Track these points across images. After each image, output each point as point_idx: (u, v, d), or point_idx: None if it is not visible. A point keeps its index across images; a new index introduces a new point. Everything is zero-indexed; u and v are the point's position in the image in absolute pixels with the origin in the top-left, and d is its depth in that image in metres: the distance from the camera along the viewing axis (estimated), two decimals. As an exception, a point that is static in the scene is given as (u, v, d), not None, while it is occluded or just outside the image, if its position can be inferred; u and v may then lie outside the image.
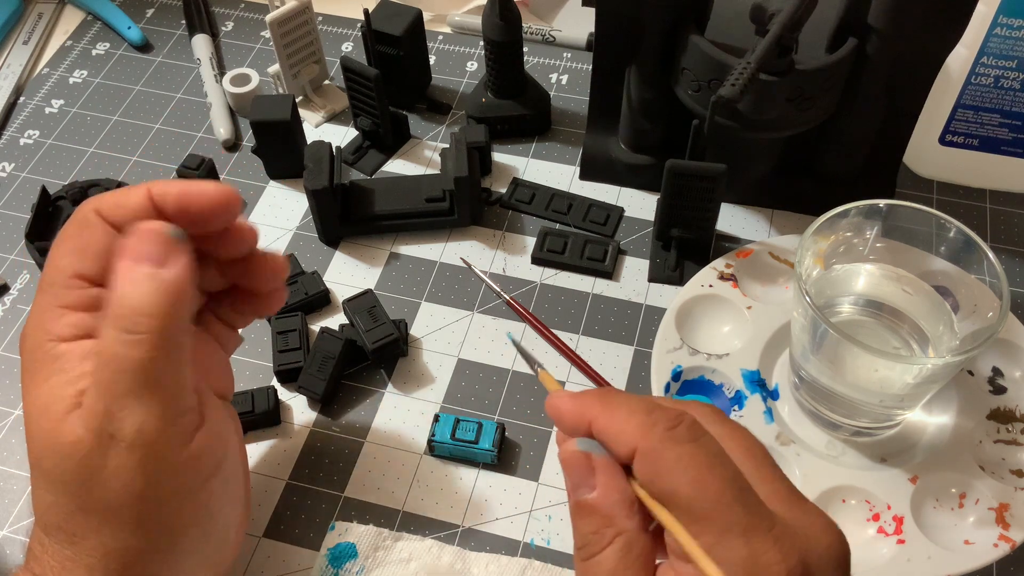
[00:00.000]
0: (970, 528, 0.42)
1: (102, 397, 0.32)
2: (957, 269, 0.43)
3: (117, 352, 0.32)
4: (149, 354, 0.32)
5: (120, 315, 0.32)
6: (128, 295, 0.32)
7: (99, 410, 0.32)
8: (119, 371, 0.32)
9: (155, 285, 0.32)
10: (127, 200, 0.36)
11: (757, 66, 0.44)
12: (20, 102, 0.66)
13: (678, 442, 0.28)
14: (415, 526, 0.45)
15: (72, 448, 0.32)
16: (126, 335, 0.32)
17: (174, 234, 0.34)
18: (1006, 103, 0.53)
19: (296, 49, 0.61)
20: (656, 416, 0.29)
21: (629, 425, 0.29)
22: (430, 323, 0.52)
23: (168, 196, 0.35)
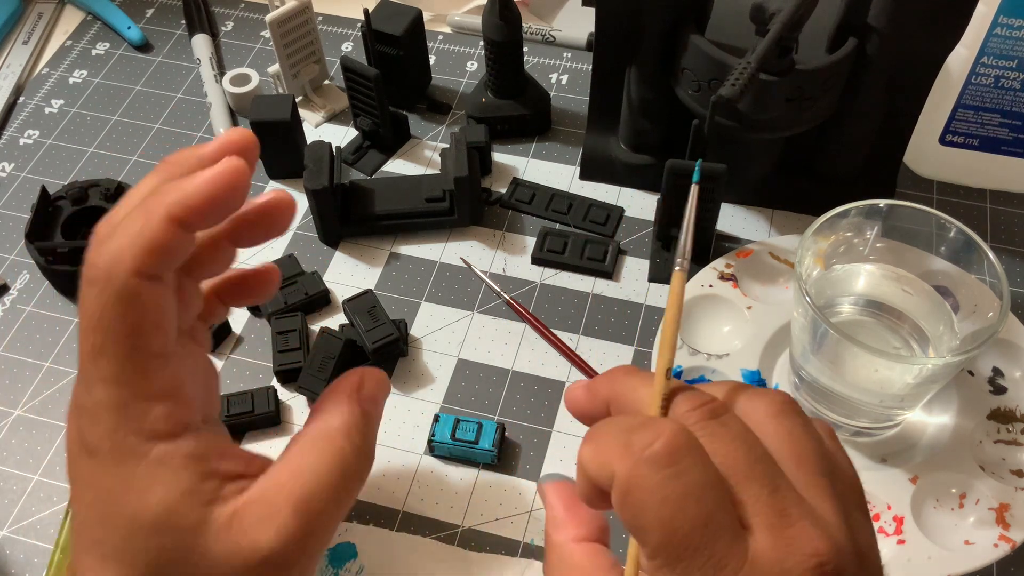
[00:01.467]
0: (970, 528, 0.42)
1: (302, 515, 0.30)
2: (957, 269, 0.43)
3: (354, 472, 0.33)
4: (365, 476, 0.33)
5: (366, 428, 0.34)
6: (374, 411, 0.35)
7: (290, 528, 0.30)
8: (336, 500, 0.32)
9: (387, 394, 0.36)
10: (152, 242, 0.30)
11: (757, 66, 0.44)
12: (20, 102, 0.66)
13: (652, 469, 0.26)
14: (415, 526, 0.45)
15: (223, 563, 0.30)
16: (365, 451, 0.33)
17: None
18: (1006, 103, 0.53)
19: (296, 49, 0.61)
20: (632, 435, 0.26)
21: (608, 450, 0.27)
22: (430, 323, 0.52)
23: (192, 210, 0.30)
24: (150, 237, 0.29)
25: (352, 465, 0.32)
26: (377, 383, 0.36)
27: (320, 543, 0.31)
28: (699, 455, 0.26)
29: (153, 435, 0.30)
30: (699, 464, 0.26)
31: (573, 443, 0.47)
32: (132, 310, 0.29)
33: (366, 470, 0.34)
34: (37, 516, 0.46)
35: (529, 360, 0.50)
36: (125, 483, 0.30)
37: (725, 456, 0.27)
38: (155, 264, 0.29)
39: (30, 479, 0.47)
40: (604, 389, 0.31)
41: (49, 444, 0.48)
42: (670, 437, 0.26)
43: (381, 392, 0.36)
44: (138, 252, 0.29)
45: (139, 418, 0.30)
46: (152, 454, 0.30)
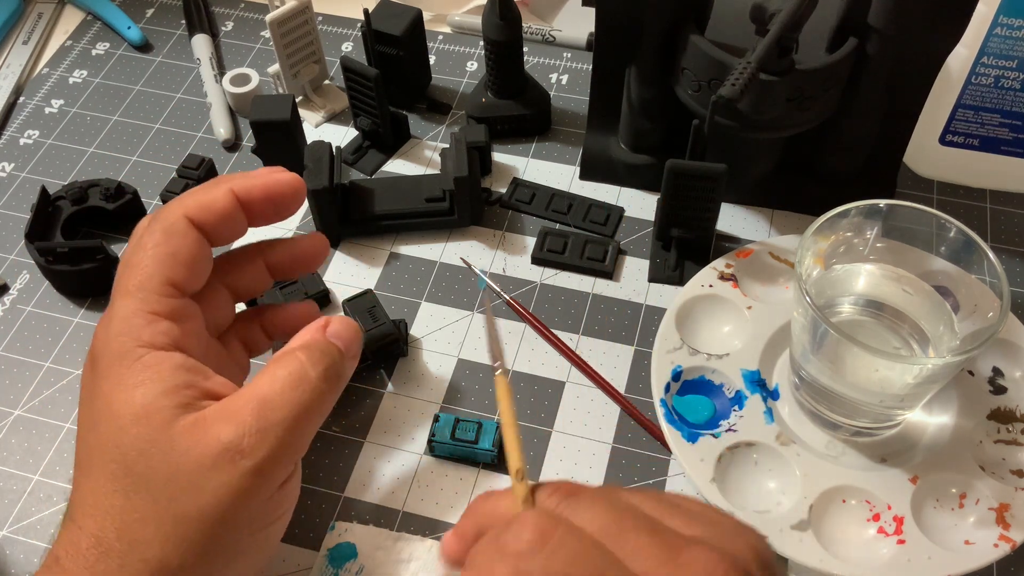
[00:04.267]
0: (970, 528, 0.42)
1: (249, 413, 0.33)
2: (957, 269, 0.43)
3: (300, 387, 0.34)
4: (316, 402, 0.34)
5: (323, 361, 0.35)
6: (328, 351, 0.36)
7: (237, 422, 0.33)
8: (285, 402, 0.34)
9: (347, 357, 0.37)
10: (213, 202, 0.37)
11: (757, 66, 0.44)
12: (20, 102, 0.66)
13: (531, 558, 0.27)
14: (415, 526, 0.45)
15: (190, 455, 0.32)
16: (319, 379, 0.34)
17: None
18: (1006, 103, 0.53)
19: (296, 49, 0.61)
20: (502, 541, 0.28)
21: (486, 568, 0.28)
22: (430, 323, 0.52)
23: (254, 191, 0.37)
24: (209, 196, 0.37)
25: (310, 377, 0.35)
26: (344, 323, 0.38)
27: (282, 444, 0.33)
28: (568, 527, 0.27)
29: (150, 344, 0.34)
30: (572, 534, 0.27)
31: (573, 443, 0.47)
32: (170, 240, 0.36)
33: (329, 391, 0.36)
34: (37, 516, 0.46)
35: (529, 360, 0.50)
36: (118, 381, 0.34)
37: (593, 520, 0.28)
38: (205, 216, 0.36)
39: (30, 479, 0.47)
40: (470, 526, 0.32)
41: (49, 444, 0.48)
42: (535, 521, 0.27)
43: (347, 332, 0.38)
44: (193, 203, 0.36)
45: (141, 327, 0.34)
46: (145, 358, 0.34)
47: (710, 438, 0.45)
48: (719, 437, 0.45)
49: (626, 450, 0.47)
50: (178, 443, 0.33)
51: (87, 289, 0.54)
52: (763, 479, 0.44)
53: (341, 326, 0.38)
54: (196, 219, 0.36)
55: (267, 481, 0.33)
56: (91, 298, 0.54)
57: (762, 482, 0.44)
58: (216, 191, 0.37)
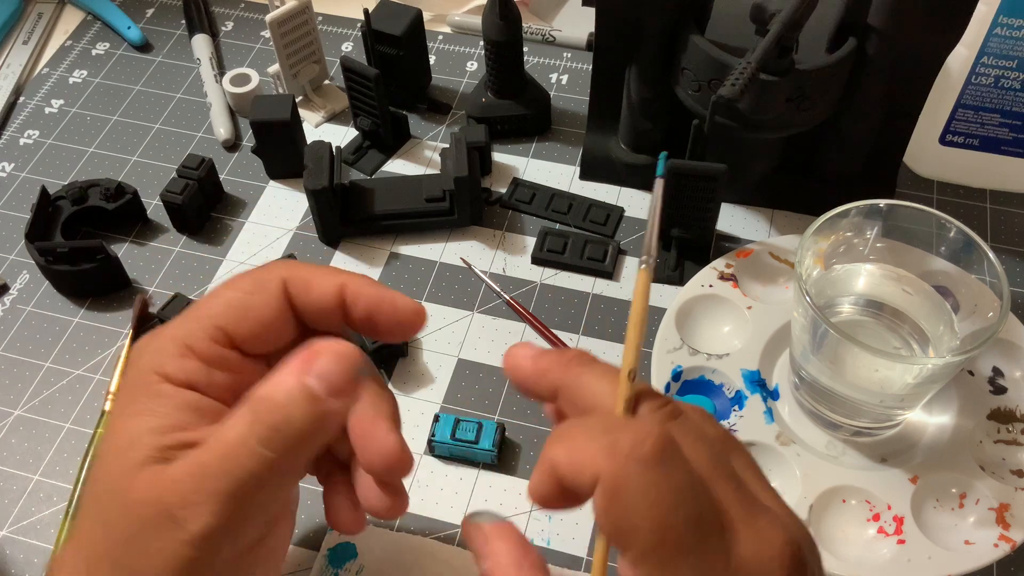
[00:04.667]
0: (970, 528, 0.42)
1: (193, 480, 0.29)
2: (957, 269, 0.43)
3: (237, 452, 0.29)
4: (261, 471, 0.29)
5: (266, 422, 0.30)
6: (281, 406, 0.30)
7: (178, 489, 0.29)
8: (224, 472, 0.29)
9: (313, 410, 0.30)
10: (318, 286, 0.34)
11: (757, 66, 0.44)
12: (20, 102, 0.66)
13: (644, 468, 0.26)
14: (415, 526, 0.45)
15: (134, 507, 0.30)
16: (258, 444, 0.29)
17: (362, 373, 0.32)
18: (1006, 103, 0.53)
19: (296, 49, 0.61)
20: (619, 435, 0.27)
21: (590, 450, 0.27)
22: (430, 323, 0.52)
23: (360, 301, 0.33)
24: (317, 279, 0.34)
25: (248, 444, 0.30)
26: (335, 357, 0.31)
27: (224, 516, 0.29)
28: (682, 457, 0.27)
29: (169, 376, 0.32)
30: (684, 465, 0.26)
31: (573, 443, 0.47)
32: (254, 293, 0.33)
33: (282, 458, 0.30)
34: (37, 516, 0.46)
35: (529, 360, 0.50)
36: (125, 404, 0.32)
37: (693, 455, 0.27)
38: (302, 294, 0.33)
39: (30, 479, 0.47)
40: (556, 373, 0.31)
41: (49, 444, 0.48)
42: (658, 438, 0.26)
43: (337, 370, 0.31)
44: (298, 276, 0.34)
45: (170, 357, 0.32)
46: (157, 387, 0.32)
47: (710, 438, 0.45)
48: (719, 437, 0.45)
49: (626, 450, 0.47)
50: (135, 492, 0.30)
51: (87, 289, 0.54)
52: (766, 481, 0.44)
53: (329, 363, 0.31)
54: (292, 291, 0.33)
55: (215, 552, 0.30)
56: (91, 298, 0.54)
57: (762, 482, 0.44)
58: (328, 279, 0.34)
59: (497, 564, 0.30)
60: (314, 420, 0.30)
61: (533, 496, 0.29)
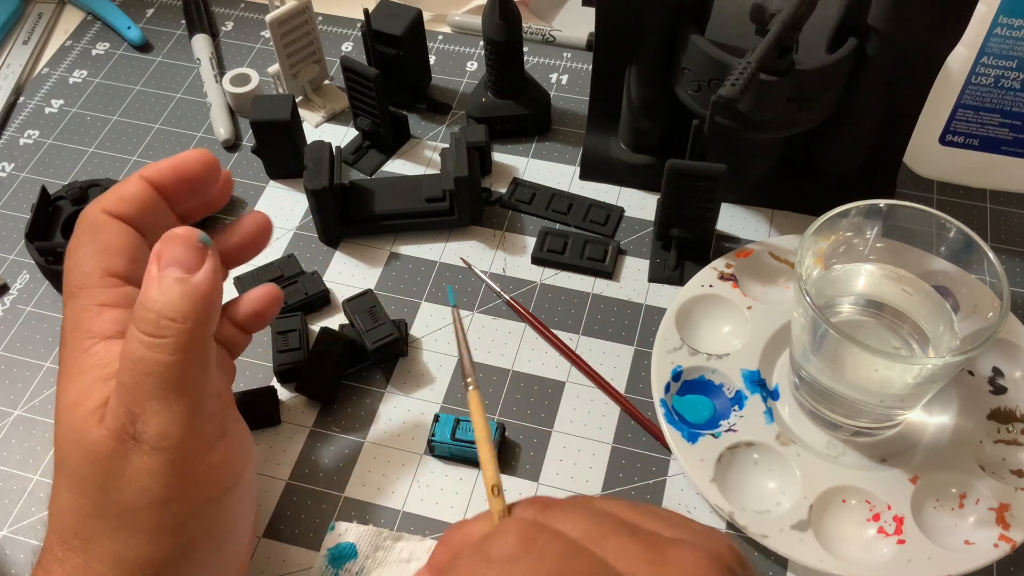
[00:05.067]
0: (970, 528, 0.42)
1: (125, 398, 0.32)
2: (957, 269, 0.43)
3: (143, 355, 0.32)
4: (174, 357, 0.32)
5: (145, 318, 0.32)
6: (155, 299, 0.32)
7: (122, 411, 0.32)
8: (143, 374, 0.32)
9: (184, 289, 0.33)
10: (126, 192, 0.36)
11: (757, 66, 0.44)
12: (20, 102, 0.66)
13: (517, 563, 0.27)
14: (415, 526, 0.45)
15: (94, 447, 0.32)
16: (151, 338, 0.32)
17: (203, 239, 0.34)
18: (1006, 103, 0.53)
19: (296, 49, 0.61)
20: (487, 549, 0.28)
21: (470, 570, 0.28)
22: (430, 323, 0.52)
23: (163, 173, 0.37)
24: (122, 188, 0.37)
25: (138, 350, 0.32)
26: (179, 242, 0.34)
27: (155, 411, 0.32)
28: (552, 532, 0.27)
29: (100, 334, 0.34)
30: (556, 538, 0.27)
31: (573, 443, 0.47)
32: (96, 236, 0.36)
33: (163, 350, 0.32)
34: (37, 516, 0.46)
35: (529, 360, 0.50)
36: (65, 372, 0.34)
37: (574, 527, 0.28)
38: (123, 208, 0.36)
39: (30, 479, 0.47)
40: (446, 554, 0.31)
41: (49, 444, 0.48)
42: (518, 527, 0.27)
43: (186, 250, 0.34)
44: (109, 198, 0.36)
45: (90, 320, 0.35)
46: (93, 348, 0.34)
47: (710, 438, 0.45)
48: (719, 437, 0.45)
49: (626, 450, 0.47)
50: (91, 435, 0.32)
51: (87, 289, 0.54)
52: (763, 479, 0.44)
53: (175, 249, 0.34)
54: (115, 211, 0.36)
55: (183, 451, 0.32)
56: (91, 298, 0.54)
57: (762, 482, 0.44)
58: (128, 182, 0.37)
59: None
60: (190, 296, 0.33)
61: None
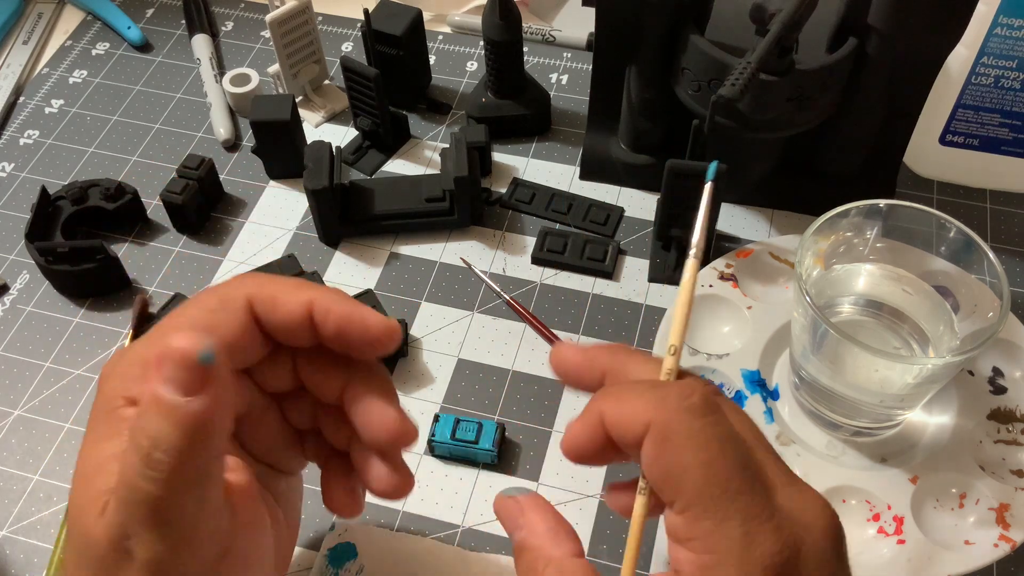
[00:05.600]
0: (970, 528, 0.42)
1: (121, 512, 0.29)
2: (957, 269, 0.43)
3: (136, 482, 0.29)
4: (162, 492, 0.29)
5: (140, 445, 0.29)
6: (149, 424, 0.29)
7: (116, 523, 0.29)
8: (134, 501, 0.29)
9: (176, 418, 0.29)
10: (285, 304, 0.32)
11: (757, 66, 0.44)
12: (20, 102, 0.66)
13: (693, 416, 0.27)
14: (415, 526, 0.45)
15: (94, 540, 0.30)
16: (143, 468, 0.29)
17: (203, 359, 0.29)
18: (1006, 103, 0.53)
19: (296, 49, 0.61)
20: (667, 389, 0.28)
21: (640, 402, 0.28)
22: (430, 323, 0.52)
23: (329, 319, 0.32)
24: (284, 296, 0.32)
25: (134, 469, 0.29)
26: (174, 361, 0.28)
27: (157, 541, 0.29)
28: (724, 414, 0.28)
29: (137, 398, 0.31)
30: (727, 420, 0.28)
31: (573, 443, 0.47)
32: (220, 312, 0.32)
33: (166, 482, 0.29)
34: (37, 516, 0.46)
35: (529, 360, 0.50)
36: (93, 428, 0.32)
37: (738, 424, 0.29)
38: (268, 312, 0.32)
39: (30, 479, 0.47)
40: (603, 360, 0.32)
41: (49, 444, 0.48)
42: (703, 392, 0.28)
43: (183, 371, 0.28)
44: (263, 292, 0.33)
45: (137, 378, 0.31)
46: (124, 411, 0.31)
47: (710, 438, 0.45)
48: (719, 437, 0.45)
49: (626, 450, 0.47)
50: (94, 530, 0.30)
51: (87, 289, 0.54)
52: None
53: (169, 368, 0.28)
54: (258, 309, 0.33)
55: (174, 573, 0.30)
56: (91, 298, 0.54)
57: (762, 482, 0.44)
58: (295, 295, 0.33)
59: (532, 532, 0.31)
60: (181, 426, 0.28)
61: (571, 446, 0.30)
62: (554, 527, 0.31)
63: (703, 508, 0.27)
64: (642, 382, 0.30)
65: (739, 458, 0.27)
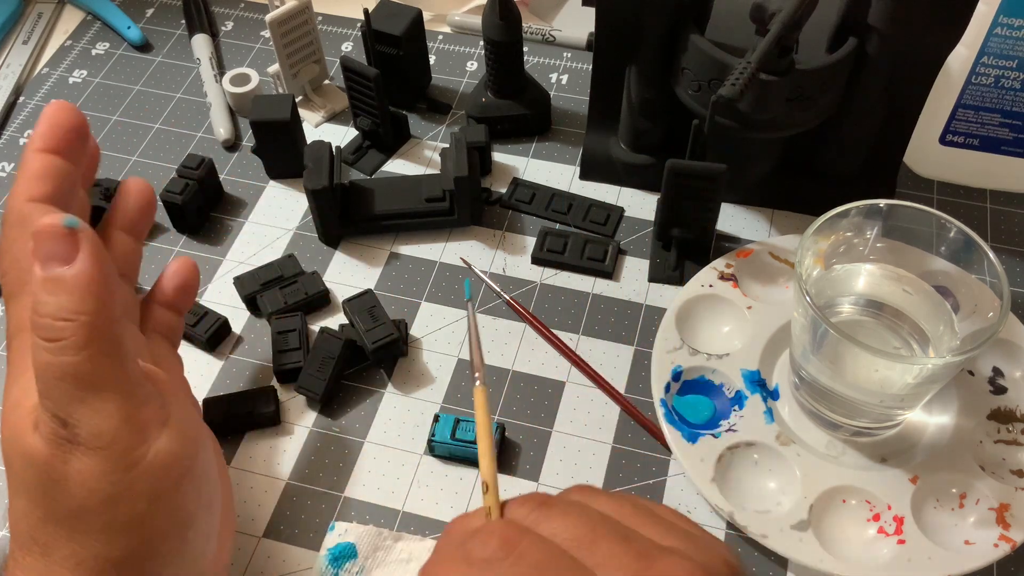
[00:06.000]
0: (970, 528, 0.42)
1: (48, 405, 0.30)
2: (957, 269, 0.43)
3: (48, 360, 0.30)
4: (79, 356, 0.30)
5: (40, 324, 0.30)
6: (44, 302, 0.30)
7: (48, 417, 0.30)
8: (55, 379, 0.30)
9: (65, 286, 0.30)
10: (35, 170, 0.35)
11: (757, 66, 0.44)
12: (20, 102, 0.66)
13: (494, 566, 0.26)
14: (415, 526, 0.45)
15: (33, 454, 0.31)
16: (49, 343, 0.30)
17: (68, 223, 0.31)
18: (1006, 103, 0.53)
19: (296, 49, 0.61)
20: (468, 549, 0.27)
21: (450, 570, 0.28)
22: (430, 323, 0.52)
23: (50, 135, 0.35)
24: (27, 168, 0.34)
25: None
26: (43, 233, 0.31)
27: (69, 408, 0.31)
28: (536, 537, 0.27)
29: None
30: (538, 544, 0.27)
31: (573, 443, 0.47)
32: (25, 228, 0.33)
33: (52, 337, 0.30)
34: (37, 516, 0.45)
35: (529, 360, 0.50)
36: (11, 372, 0.34)
37: (564, 530, 0.27)
38: (36, 186, 0.34)
39: (30, 479, 0.47)
40: (443, 546, 0.31)
41: (49, 444, 0.48)
42: (501, 530, 0.27)
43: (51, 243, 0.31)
44: (21, 183, 0.34)
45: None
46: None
47: (710, 438, 0.45)
48: (719, 437, 0.45)
49: (626, 450, 0.47)
50: (27, 440, 0.31)
51: (87, 289, 0.54)
52: (763, 479, 0.44)
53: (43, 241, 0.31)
54: (36, 195, 0.34)
55: (114, 449, 0.31)
56: (91, 298, 0.54)
57: (762, 482, 0.44)
58: (29, 159, 0.35)
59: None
60: (72, 290, 0.30)
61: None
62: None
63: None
64: (451, 544, 0.29)
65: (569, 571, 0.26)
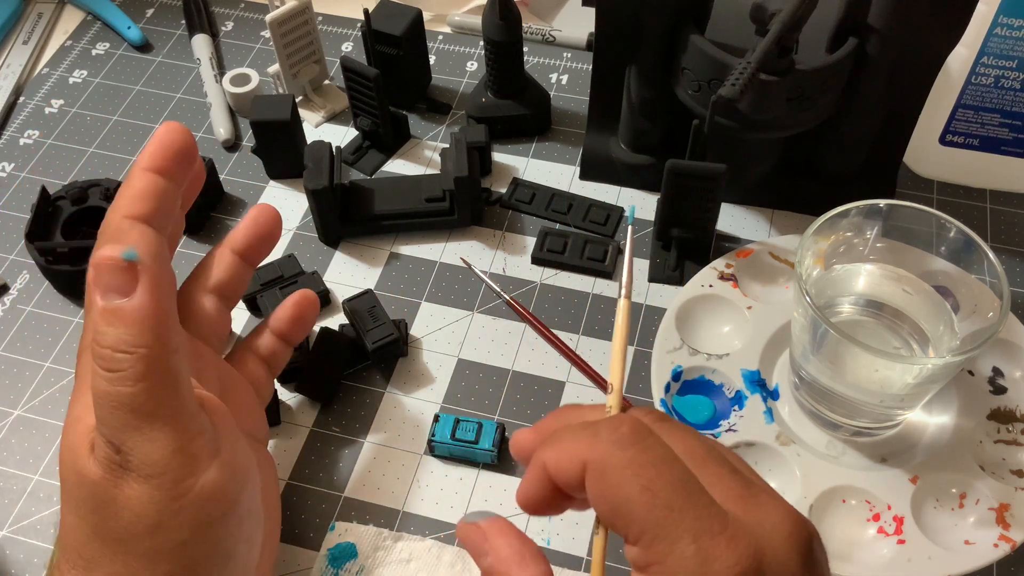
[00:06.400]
0: (970, 528, 0.42)
1: (104, 431, 0.31)
2: (957, 269, 0.43)
3: (107, 390, 0.31)
4: (137, 387, 0.31)
5: (100, 354, 0.31)
6: (104, 332, 0.31)
7: (103, 442, 0.31)
8: (112, 408, 0.31)
9: (122, 318, 0.31)
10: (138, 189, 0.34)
11: (757, 66, 0.44)
12: (20, 102, 0.66)
13: (623, 447, 0.27)
14: (415, 526, 0.45)
15: (87, 473, 0.32)
16: (108, 373, 0.31)
17: (127, 256, 0.31)
18: (1006, 103, 0.53)
19: (296, 49, 0.61)
20: (597, 427, 0.29)
21: (574, 444, 0.29)
22: (430, 323, 0.52)
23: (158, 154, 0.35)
24: (131, 187, 0.34)
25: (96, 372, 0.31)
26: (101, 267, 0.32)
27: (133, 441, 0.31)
28: (659, 438, 0.28)
29: None
30: (660, 444, 0.28)
31: (573, 443, 0.47)
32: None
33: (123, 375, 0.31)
34: (37, 516, 0.46)
35: (529, 360, 0.50)
36: (80, 381, 0.35)
37: (681, 444, 0.29)
38: (136, 205, 0.33)
39: (30, 479, 0.47)
40: (551, 425, 0.32)
41: (49, 444, 0.48)
42: (632, 422, 0.28)
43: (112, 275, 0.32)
44: (122, 200, 0.34)
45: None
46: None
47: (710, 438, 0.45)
48: (719, 437, 0.45)
49: (626, 450, 0.47)
50: (83, 459, 0.32)
51: (87, 289, 0.54)
52: (763, 479, 0.44)
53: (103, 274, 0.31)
54: (134, 213, 0.34)
55: (164, 479, 0.31)
56: (91, 298, 0.54)
57: (762, 482, 0.44)
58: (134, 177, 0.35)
59: (499, 559, 0.31)
60: (129, 323, 0.31)
61: (524, 499, 0.31)
62: (519, 550, 0.31)
63: (654, 533, 0.26)
64: (576, 425, 0.30)
65: (679, 477, 0.27)
